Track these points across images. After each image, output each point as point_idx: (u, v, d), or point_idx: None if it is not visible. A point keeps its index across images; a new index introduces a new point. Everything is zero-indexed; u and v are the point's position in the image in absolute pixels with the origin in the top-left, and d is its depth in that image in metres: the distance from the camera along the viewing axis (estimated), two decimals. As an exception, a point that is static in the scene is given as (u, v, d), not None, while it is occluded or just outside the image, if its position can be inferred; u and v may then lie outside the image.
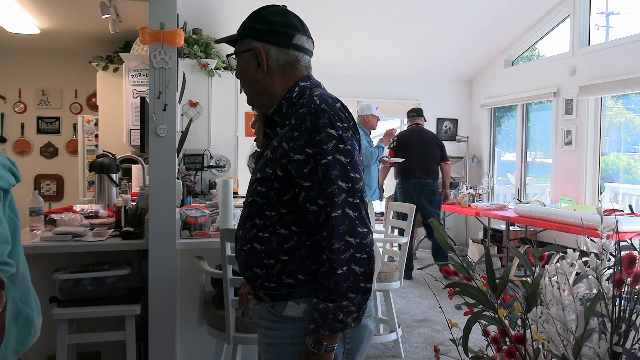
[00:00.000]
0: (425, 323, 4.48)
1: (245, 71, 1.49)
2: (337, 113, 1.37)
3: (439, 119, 8.16)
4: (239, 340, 2.44)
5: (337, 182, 1.31)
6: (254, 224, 1.43)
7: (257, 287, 1.45)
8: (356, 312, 1.31)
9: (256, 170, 1.46)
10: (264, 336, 1.46)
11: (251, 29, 1.47)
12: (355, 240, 1.30)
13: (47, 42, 6.27)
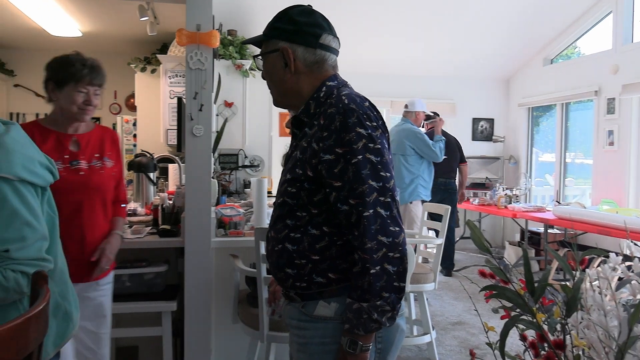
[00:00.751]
0: (460, 326, 4.42)
1: (272, 72, 1.50)
2: (366, 112, 1.36)
3: (474, 119, 8.03)
4: (273, 339, 2.45)
5: (368, 182, 1.31)
6: (285, 224, 1.43)
7: (288, 287, 1.45)
8: (390, 311, 1.30)
9: (286, 171, 1.47)
10: (296, 336, 1.46)
11: (277, 30, 1.47)
12: (388, 239, 1.30)
13: (88, 45, 6.45)
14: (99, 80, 2.24)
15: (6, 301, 1.46)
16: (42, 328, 1.09)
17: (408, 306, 3.98)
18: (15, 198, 1.44)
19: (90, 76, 2.20)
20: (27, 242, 1.46)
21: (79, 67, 2.18)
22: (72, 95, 2.18)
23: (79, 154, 2.24)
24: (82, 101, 2.20)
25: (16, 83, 6.78)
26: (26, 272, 1.45)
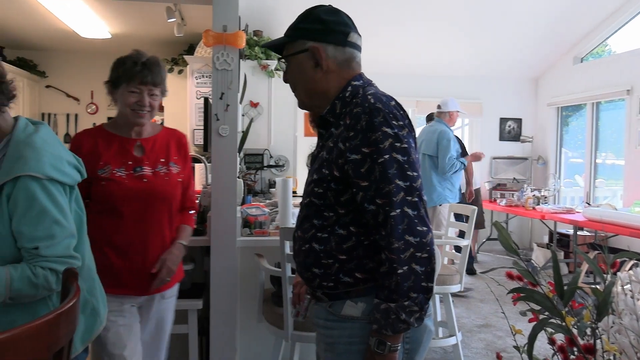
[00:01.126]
0: (486, 328, 4.36)
1: (300, 72, 1.48)
2: (392, 111, 1.35)
3: (502, 119, 7.92)
4: (297, 338, 2.46)
5: (394, 181, 1.30)
6: (312, 224, 1.44)
7: (315, 286, 1.46)
8: (418, 311, 1.29)
9: (312, 171, 1.46)
10: (323, 335, 1.46)
11: (304, 30, 1.46)
12: (415, 239, 1.29)
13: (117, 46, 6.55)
14: (152, 79, 2.04)
15: (35, 298, 1.50)
16: (72, 324, 1.11)
17: (433, 307, 3.94)
18: (44, 196, 1.48)
19: (142, 74, 2.02)
20: (56, 240, 1.49)
21: (130, 65, 2.04)
22: (124, 96, 2.04)
23: (143, 160, 2.09)
24: (135, 102, 2.03)
25: (48, 84, 6.94)
26: (55, 270, 1.48)
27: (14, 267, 1.45)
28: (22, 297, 1.47)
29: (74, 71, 6.96)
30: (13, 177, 1.46)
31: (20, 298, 1.47)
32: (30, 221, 1.47)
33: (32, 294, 1.47)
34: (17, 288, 1.43)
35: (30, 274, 1.45)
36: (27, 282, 1.44)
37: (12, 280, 1.43)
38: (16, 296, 1.45)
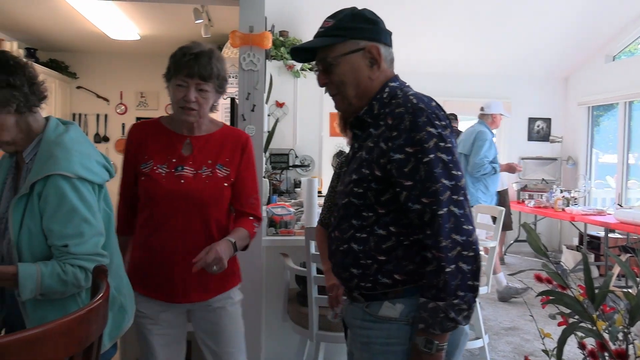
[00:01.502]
0: (513, 331, 4.29)
1: (354, 72, 1.46)
2: (434, 112, 1.36)
3: (530, 119, 7.79)
4: (322, 338, 2.46)
5: (440, 180, 1.31)
6: (351, 224, 1.44)
7: (352, 287, 1.46)
8: (467, 309, 1.30)
9: (350, 171, 1.46)
10: (358, 335, 1.46)
11: (356, 29, 1.45)
12: (462, 238, 1.29)
13: (145, 48, 6.67)
14: (199, 72, 1.81)
15: (64, 294, 1.53)
16: (102, 320, 1.13)
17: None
18: (74, 195, 1.51)
19: (188, 66, 1.81)
20: (85, 238, 1.53)
21: (179, 55, 1.85)
22: (172, 90, 1.87)
23: (188, 159, 1.90)
24: (181, 97, 1.83)
25: (78, 85, 7.09)
26: (84, 267, 1.51)
27: (45, 264, 1.49)
28: (52, 294, 1.50)
29: (104, 72, 7.10)
30: (44, 176, 1.50)
31: (50, 294, 1.51)
32: (60, 219, 1.50)
33: (62, 290, 1.50)
34: (47, 284, 1.47)
35: (60, 271, 1.48)
36: (56, 279, 1.48)
37: (43, 276, 1.46)
38: (46, 292, 1.49)
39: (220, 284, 1.98)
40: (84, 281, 1.53)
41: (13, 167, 1.67)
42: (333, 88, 1.50)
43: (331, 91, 1.51)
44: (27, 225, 1.52)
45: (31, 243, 1.52)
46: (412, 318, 1.36)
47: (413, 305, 1.37)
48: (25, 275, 1.45)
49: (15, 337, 0.87)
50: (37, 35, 6.10)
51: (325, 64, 1.47)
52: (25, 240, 1.52)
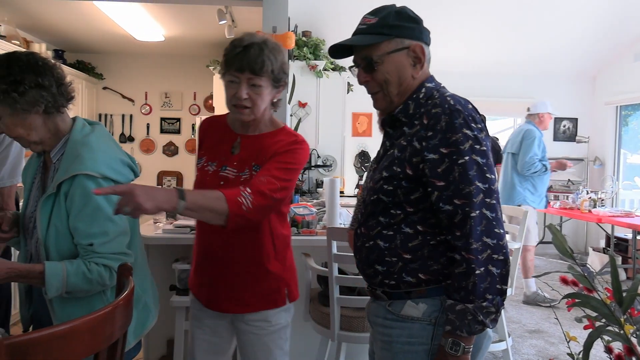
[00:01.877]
0: (538, 334, 4.23)
1: (398, 71, 1.44)
2: (471, 114, 1.36)
3: (556, 119, 7.66)
4: (344, 338, 2.46)
5: (474, 183, 1.31)
6: (378, 221, 1.44)
7: (376, 284, 1.46)
8: (495, 313, 1.30)
9: (380, 168, 1.46)
10: (380, 334, 1.47)
11: (402, 28, 1.44)
12: (492, 241, 1.30)
13: (170, 49, 6.75)
14: (249, 65, 1.65)
15: (90, 292, 1.56)
16: (127, 318, 1.15)
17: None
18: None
19: (237, 59, 1.66)
20: (110, 237, 1.55)
21: (230, 49, 1.70)
22: (225, 87, 1.72)
23: (234, 160, 1.77)
24: (233, 94, 1.69)
25: (105, 86, 7.21)
26: (108, 266, 1.54)
27: (70, 263, 1.52)
28: (77, 292, 1.54)
29: (129, 73, 7.20)
30: (70, 175, 1.53)
31: (76, 292, 1.54)
32: (86, 218, 1.53)
33: (87, 288, 1.53)
34: (72, 283, 1.50)
35: (85, 269, 1.51)
36: (81, 277, 1.51)
37: (68, 275, 1.50)
38: (72, 290, 1.52)
39: (257, 299, 1.77)
40: (109, 280, 1.55)
41: (41, 167, 1.71)
42: (375, 86, 1.48)
43: (372, 89, 1.49)
44: (54, 224, 1.55)
45: (58, 241, 1.56)
46: (435, 318, 1.36)
47: (436, 305, 1.37)
48: (52, 273, 1.48)
49: (43, 333, 0.89)
50: (65, 37, 6.22)
51: (368, 61, 1.45)
52: (53, 238, 1.55)
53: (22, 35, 5.41)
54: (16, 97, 1.51)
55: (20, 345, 0.84)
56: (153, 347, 3.15)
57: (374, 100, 1.53)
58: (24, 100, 1.52)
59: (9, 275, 1.46)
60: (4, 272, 1.45)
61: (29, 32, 5.89)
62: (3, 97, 1.50)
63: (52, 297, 1.52)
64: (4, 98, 1.50)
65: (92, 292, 1.57)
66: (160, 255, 2.99)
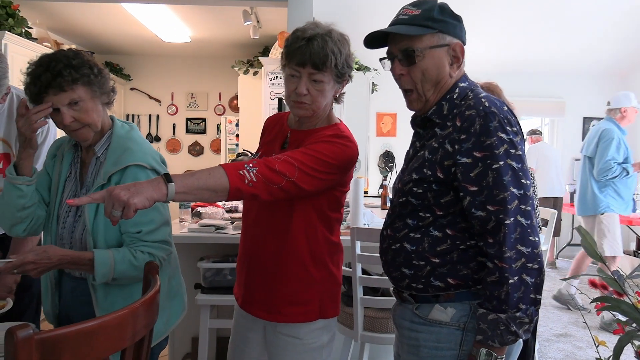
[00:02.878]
0: (565, 338, 4.15)
1: (437, 68, 1.39)
2: (507, 116, 1.31)
3: (585, 118, 7.51)
4: (367, 339, 2.45)
5: (509, 189, 1.27)
6: (406, 223, 1.41)
7: (402, 287, 1.44)
8: (528, 323, 1.26)
9: (410, 170, 1.42)
10: (406, 337, 1.44)
11: (445, 23, 1.39)
12: (527, 249, 1.26)
13: (196, 50, 6.83)
14: (311, 59, 1.54)
15: (135, 280, 1.60)
16: (153, 315, 1.17)
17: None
18: None
19: (299, 52, 1.55)
20: (156, 225, 1.62)
21: (291, 41, 1.59)
22: (285, 81, 1.63)
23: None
24: (293, 90, 1.59)
25: (132, 86, 7.33)
26: (153, 254, 1.60)
27: (117, 251, 1.57)
28: (124, 279, 1.59)
29: (156, 74, 7.31)
30: (123, 167, 1.60)
31: (122, 279, 1.59)
32: None
33: (134, 275, 1.58)
34: (119, 270, 1.55)
35: (131, 257, 1.57)
36: (128, 265, 1.56)
37: (116, 262, 1.55)
38: (119, 277, 1.57)
39: (287, 309, 1.64)
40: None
41: (76, 162, 1.75)
42: (410, 82, 1.42)
43: (406, 85, 1.43)
44: (102, 213, 1.59)
45: (106, 230, 1.62)
46: (463, 323, 1.33)
47: (465, 310, 1.34)
48: (100, 260, 1.53)
49: (71, 329, 0.90)
50: (94, 39, 6.35)
51: (408, 53, 1.38)
52: (101, 227, 1.61)
53: (52, 37, 5.54)
54: (100, 80, 1.62)
55: (50, 340, 0.86)
56: (178, 345, 3.19)
57: (408, 102, 1.47)
58: (105, 87, 1.64)
59: (61, 262, 1.52)
60: (56, 259, 1.51)
61: (59, 34, 6.02)
62: (88, 80, 1.59)
63: (99, 283, 1.57)
64: (89, 80, 1.59)
65: (137, 280, 1.60)
66: (186, 254, 3.03)
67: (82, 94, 1.59)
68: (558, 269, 6.56)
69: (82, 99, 1.60)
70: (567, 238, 7.04)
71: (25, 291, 2.14)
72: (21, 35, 4.53)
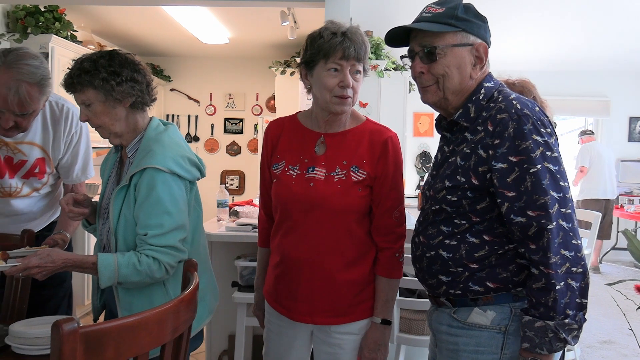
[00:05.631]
0: (609, 345, 4.02)
1: (459, 67, 1.36)
2: (540, 118, 1.28)
3: (632, 118, 7.26)
4: (403, 341, 2.43)
5: (549, 192, 1.24)
6: (440, 230, 1.39)
7: (440, 293, 1.42)
8: (577, 329, 1.24)
9: (442, 177, 1.39)
10: (445, 342, 1.41)
11: (469, 23, 1.37)
12: (570, 253, 1.24)
13: (234, 51, 6.91)
14: (356, 52, 1.56)
15: (140, 284, 1.62)
16: (191, 312, 1.19)
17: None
18: (162, 188, 1.60)
19: (343, 46, 1.55)
20: (164, 230, 1.60)
21: (328, 36, 1.57)
22: (322, 78, 1.58)
23: (321, 160, 1.65)
24: (337, 84, 1.57)
25: (172, 87, 7.48)
26: (158, 259, 1.59)
27: (122, 255, 1.59)
28: (128, 283, 1.60)
29: (195, 75, 7.43)
30: (141, 168, 1.61)
31: (127, 283, 1.60)
32: (146, 209, 1.60)
33: (137, 280, 1.59)
34: (123, 274, 1.57)
35: (135, 261, 1.58)
36: (132, 269, 1.57)
37: (120, 266, 1.56)
38: (123, 281, 1.59)
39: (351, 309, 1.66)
40: (157, 272, 1.60)
41: (117, 162, 1.82)
42: (430, 79, 1.39)
43: (426, 82, 1.40)
44: (124, 214, 1.64)
45: (126, 231, 1.64)
46: (504, 326, 1.31)
47: (505, 313, 1.32)
48: (104, 264, 1.56)
49: (113, 323, 0.93)
50: (136, 41, 6.50)
51: (429, 50, 1.36)
52: (122, 227, 1.64)
53: (96, 40, 5.70)
54: (113, 85, 1.63)
55: (93, 334, 0.89)
56: (215, 342, 3.24)
57: (424, 93, 1.42)
58: (119, 90, 1.64)
59: (65, 265, 1.56)
60: (60, 262, 1.55)
61: (103, 37, 6.19)
62: (102, 84, 1.62)
63: (104, 287, 1.60)
64: (102, 85, 1.63)
65: (143, 284, 1.63)
66: (223, 252, 3.07)
67: (91, 96, 1.64)
68: (602, 273, 6.36)
69: (92, 102, 1.65)
70: (611, 241, 6.82)
71: (59, 286, 2.22)
72: (67, 39, 4.68)
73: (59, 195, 2.28)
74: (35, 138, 2.08)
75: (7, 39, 4.35)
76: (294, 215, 1.65)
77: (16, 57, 1.82)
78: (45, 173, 2.13)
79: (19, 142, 2.05)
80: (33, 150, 2.08)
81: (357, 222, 1.64)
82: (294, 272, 1.66)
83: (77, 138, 2.16)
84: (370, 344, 1.64)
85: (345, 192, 1.60)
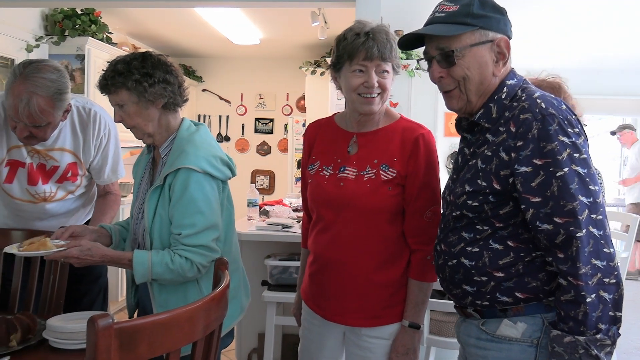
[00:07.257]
0: (647, 351, 3.90)
1: (480, 67, 1.29)
2: (567, 117, 1.20)
3: (672, 117, 7.01)
4: (433, 343, 2.41)
5: (578, 197, 1.16)
6: (461, 237, 1.33)
7: (466, 304, 1.35)
8: (610, 345, 1.15)
9: (462, 181, 1.33)
10: (474, 356, 1.34)
11: (487, 18, 1.28)
12: (602, 263, 1.15)
13: (264, 51, 6.95)
14: (380, 52, 1.55)
15: (174, 282, 1.66)
16: (223, 310, 1.20)
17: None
18: (196, 187, 1.63)
19: (365, 46, 1.54)
20: (197, 229, 1.63)
21: (352, 37, 1.57)
22: (348, 79, 1.59)
23: (352, 159, 1.65)
24: (361, 84, 1.57)
25: (203, 88, 7.57)
26: (189, 259, 1.63)
27: (156, 253, 1.63)
28: (162, 280, 1.64)
29: (226, 76, 7.50)
30: (175, 169, 1.64)
31: (161, 280, 1.65)
32: (179, 208, 1.63)
33: (169, 278, 1.63)
34: (156, 272, 1.61)
35: (168, 260, 1.61)
36: (164, 268, 1.61)
37: (153, 264, 1.60)
38: (157, 278, 1.63)
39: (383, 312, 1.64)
40: (189, 272, 1.63)
41: (150, 163, 1.86)
42: (451, 82, 1.33)
43: (447, 86, 1.34)
44: (159, 213, 1.67)
45: (161, 230, 1.68)
46: (536, 339, 1.23)
47: (537, 324, 1.24)
48: (138, 261, 1.61)
49: (147, 320, 0.95)
50: (169, 42, 6.61)
51: (446, 54, 1.29)
52: (157, 227, 1.67)
53: (131, 42, 5.82)
54: (146, 87, 1.66)
55: (127, 329, 0.91)
56: (245, 340, 3.27)
57: (447, 99, 1.37)
58: (152, 92, 1.67)
59: (103, 260, 1.63)
60: (98, 257, 1.62)
61: (137, 39, 6.31)
62: (135, 86, 1.66)
63: (139, 282, 1.65)
64: (135, 86, 1.66)
65: (176, 282, 1.67)
66: (253, 251, 3.09)
67: (124, 98, 1.68)
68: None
69: (126, 103, 1.69)
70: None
71: (94, 282, 2.27)
72: (102, 41, 4.79)
73: (93, 194, 2.34)
74: (66, 144, 2.12)
75: (45, 41, 4.48)
76: (326, 215, 1.66)
77: (34, 69, 1.85)
78: (78, 175, 2.18)
79: (50, 149, 2.10)
80: (64, 156, 2.13)
81: (388, 223, 1.61)
82: (326, 271, 1.67)
83: (106, 140, 2.21)
84: (399, 348, 1.62)
85: (374, 191, 1.59)
